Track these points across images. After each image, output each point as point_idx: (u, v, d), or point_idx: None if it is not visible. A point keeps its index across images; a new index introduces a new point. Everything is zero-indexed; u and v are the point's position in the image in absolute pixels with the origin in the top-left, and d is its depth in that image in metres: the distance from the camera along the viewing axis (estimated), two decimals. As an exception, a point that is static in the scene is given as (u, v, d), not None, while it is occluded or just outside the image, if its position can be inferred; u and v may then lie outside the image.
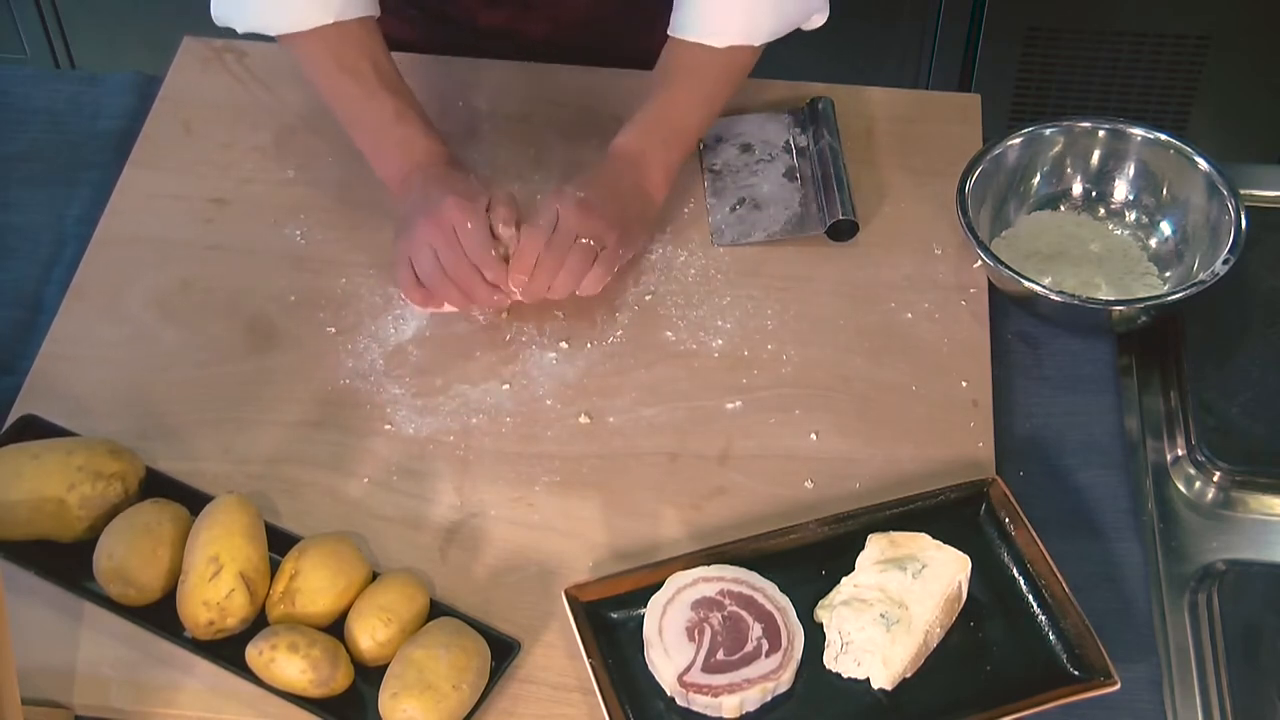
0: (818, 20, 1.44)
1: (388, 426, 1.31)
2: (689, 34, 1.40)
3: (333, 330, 1.38)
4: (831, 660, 1.16)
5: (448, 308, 1.36)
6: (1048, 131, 1.46)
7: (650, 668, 1.15)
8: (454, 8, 1.61)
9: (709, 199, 1.49)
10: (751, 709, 1.13)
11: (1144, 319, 1.36)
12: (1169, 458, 1.32)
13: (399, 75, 1.43)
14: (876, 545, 1.19)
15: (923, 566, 1.16)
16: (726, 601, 1.15)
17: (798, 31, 1.44)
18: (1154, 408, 1.35)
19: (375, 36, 1.42)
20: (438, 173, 1.39)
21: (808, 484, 1.28)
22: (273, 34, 1.41)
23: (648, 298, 1.41)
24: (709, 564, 1.18)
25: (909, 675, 1.15)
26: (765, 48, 1.43)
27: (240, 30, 1.42)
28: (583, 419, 1.32)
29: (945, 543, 1.18)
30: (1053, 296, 1.33)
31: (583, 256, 1.33)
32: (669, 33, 1.42)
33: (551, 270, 1.32)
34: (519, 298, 1.34)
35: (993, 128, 1.52)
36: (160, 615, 1.17)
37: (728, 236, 1.46)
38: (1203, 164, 1.41)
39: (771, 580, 1.17)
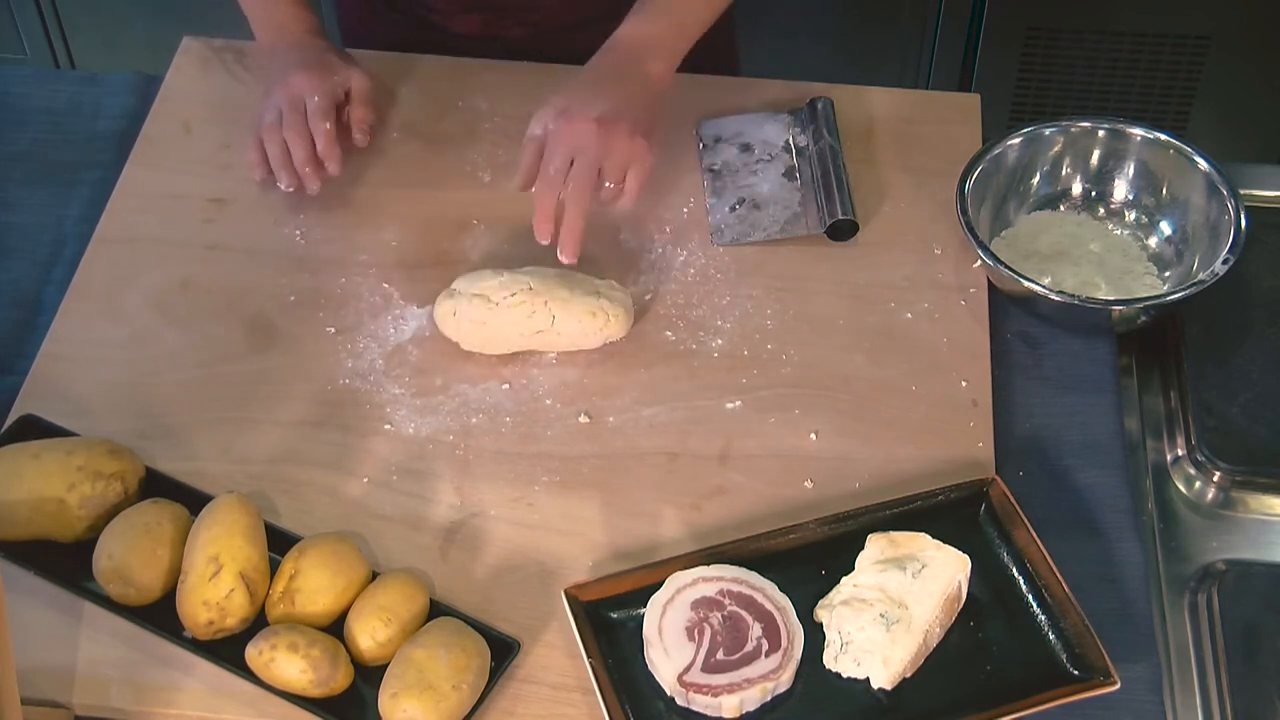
0: None
1: (388, 426, 1.31)
2: None
3: (332, 330, 1.38)
4: (831, 660, 1.16)
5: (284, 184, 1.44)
6: (1048, 131, 1.46)
7: (650, 667, 1.15)
8: (430, 13, 1.61)
9: (709, 199, 1.49)
10: (751, 709, 1.13)
11: (1144, 319, 1.36)
12: (1169, 458, 1.32)
13: None
14: (876, 545, 1.19)
15: (922, 566, 1.16)
16: (726, 601, 1.15)
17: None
18: (1154, 408, 1.35)
19: None
20: (298, 43, 1.48)
21: (807, 484, 1.28)
22: None
23: (647, 297, 1.41)
24: (709, 564, 1.18)
25: (909, 675, 1.15)
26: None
27: None
28: (582, 419, 1.32)
29: (945, 542, 1.18)
30: (1053, 296, 1.33)
31: (584, 178, 1.34)
32: None
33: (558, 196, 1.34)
34: (333, 171, 1.43)
35: (993, 128, 1.52)
36: (160, 615, 1.17)
37: (728, 236, 1.45)
38: (1203, 164, 1.41)
39: (771, 580, 1.17)
